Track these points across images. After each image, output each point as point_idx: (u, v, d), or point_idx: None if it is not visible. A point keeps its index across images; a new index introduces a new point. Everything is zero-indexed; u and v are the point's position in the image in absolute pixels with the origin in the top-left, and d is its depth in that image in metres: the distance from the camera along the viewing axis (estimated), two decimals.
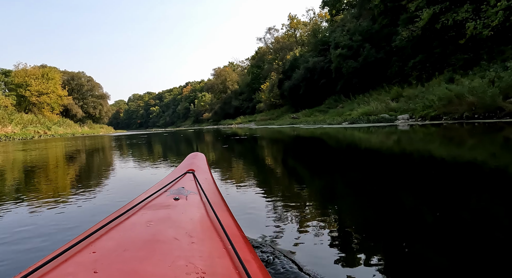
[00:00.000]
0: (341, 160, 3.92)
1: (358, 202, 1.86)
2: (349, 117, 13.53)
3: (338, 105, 20.88)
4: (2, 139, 17.92)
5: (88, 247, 0.60)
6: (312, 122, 17.15)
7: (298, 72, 28.62)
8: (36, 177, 3.42)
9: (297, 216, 1.57)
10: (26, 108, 36.77)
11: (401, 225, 1.39)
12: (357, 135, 7.78)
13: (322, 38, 28.40)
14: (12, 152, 8.22)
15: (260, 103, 45.05)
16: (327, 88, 24.79)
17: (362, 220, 1.52)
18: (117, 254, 0.57)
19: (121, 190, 2.49)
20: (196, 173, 1.31)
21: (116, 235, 0.67)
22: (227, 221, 0.85)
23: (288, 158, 4.55)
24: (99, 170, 4.03)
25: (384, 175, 2.65)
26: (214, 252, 0.63)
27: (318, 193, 2.18)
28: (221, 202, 1.06)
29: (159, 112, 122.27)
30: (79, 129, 39.74)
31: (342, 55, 20.88)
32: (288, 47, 38.55)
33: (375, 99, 14.95)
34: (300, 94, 28.36)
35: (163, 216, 0.79)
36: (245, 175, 3.05)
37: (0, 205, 2.05)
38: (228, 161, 4.40)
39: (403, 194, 2.00)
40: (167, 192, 1.02)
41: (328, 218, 1.51)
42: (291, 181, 2.73)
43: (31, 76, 37.13)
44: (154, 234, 0.66)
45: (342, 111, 17.54)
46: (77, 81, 54.84)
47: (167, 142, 10.12)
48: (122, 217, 0.77)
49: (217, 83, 65.11)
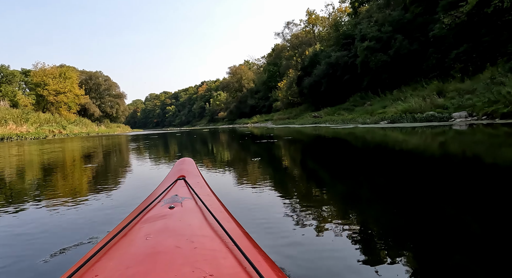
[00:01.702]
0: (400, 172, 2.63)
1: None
2: (387, 116, 11.85)
3: (365, 103, 19.13)
4: (14, 139, 17.45)
5: (90, 271, 0.58)
6: (340, 121, 15.49)
7: (319, 68, 26.94)
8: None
9: (309, 221, 1.43)
10: (44, 107, 36.98)
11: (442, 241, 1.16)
12: (412, 138, 6.24)
13: (345, 32, 26.58)
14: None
15: (277, 101, 43.62)
16: (351, 84, 23.03)
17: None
18: (120, 273, 0.56)
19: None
20: (187, 179, 1.30)
21: (116, 253, 0.66)
22: (226, 221, 0.84)
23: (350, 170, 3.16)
24: (86, 181, 3.14)
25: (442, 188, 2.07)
26: (218, 254, 0.62)
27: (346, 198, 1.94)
28: (217, 203, 1.04)
29: (175, 112, 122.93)
30: (96, 128, 39.66)
31: (370, 48, 19.10)
32: (307, 42, 36.78)
33: (414, 95, 13.18)
34: (321, 91, 26.68)
35: (161, 226, 0.78)
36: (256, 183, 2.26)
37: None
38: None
39: (462, 213, 1.52)
40: (161, 202, 1.00)
41: (340, 225, 1.35)
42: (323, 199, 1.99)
43: (49, 76, 37.30)
44: (154, 247, 0.65)
45: (372, 109, 15.84)
46: (95, 80, 55.28)
47: (171, 147, 8.86)
48: (120, 234, 0.76)
49: (233, 81, 64.07)
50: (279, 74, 49.62)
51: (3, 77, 37.85)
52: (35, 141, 15.37)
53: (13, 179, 3.36)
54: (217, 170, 3.37)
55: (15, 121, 22.32)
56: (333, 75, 25.07)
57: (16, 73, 40.00)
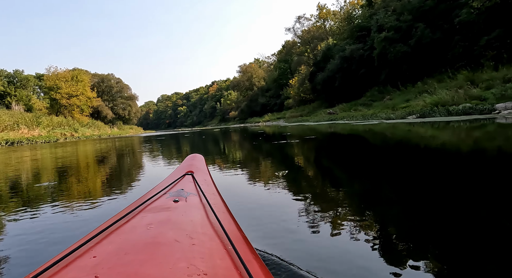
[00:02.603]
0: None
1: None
2: (414, 110, 10.77)
3: (384, 97, 18.00)
4: (24, 143, 17.31)
5: (88, 252, 0.59)
6: (360, 117, 14.43)
7: (333, 63, 25.86)
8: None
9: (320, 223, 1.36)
10: (58, 110, 37.35)
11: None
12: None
13: (359, 24, 25.37)
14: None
15: (289, 99, 42.67)
16: (368, 78, 21.89)
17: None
18: (118, 257, 0.56)
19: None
20: (195, 175, 1.30)
21: (117, 238, 0.66)
22: (227, 222, 0.84)
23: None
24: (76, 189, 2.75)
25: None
26: (215, 253, 0.62)
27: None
28: (221, 203, 1.05)
29: (186, 112, 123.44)
30: (108, 131, 39.78)
31: (388, 38, 17.95)
32: (319, 37, 35.57)
33: (441, 87, 12.07)
34: (335, 86, 25.60)
35: (163, 218, 0.78)
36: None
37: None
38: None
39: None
40: (167, 194, 1.01)
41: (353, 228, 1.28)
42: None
43: (61, 79, 37.63)
44: (154, 237, 0.66)
45: (393, 104, 14.76)
46: (107, 83, 55.69)
47: (170, 151, 8.11)
48: (122, 220, 0.77)
49: (243, 80, 63.35)
50: (290, 71, 48.63)
51: (17, 81, 38.50)
52: (45, 145, 15.10)
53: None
54: (224, 172, 3.13)
55: (27, 125, 22.33)
56: (347, 69, 23.95)
57: (31, 77, 40.65)
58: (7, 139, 16.78)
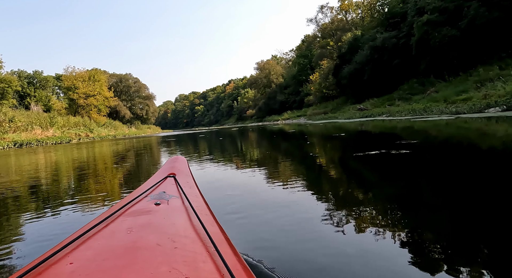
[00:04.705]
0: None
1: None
2: (490, 101, 8.53)
3: (426, 90, 15.65)
4: (34, 144, 16.42)
5: (65, 258, 0.57)
6: (407, 112, 12.02)
7: (361, 54, 23.56)
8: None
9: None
10: (76, 110, 37.10)
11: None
12: None
13: (391, 9, 22.90)
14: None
15: (309, 96, 40.57)
16: (403, 69, 19.52)
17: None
18: (96, 264, 0.55)
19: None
20: (177, 177, 1.28)
21: (95, 243, 0.64)
22: (210, 224, 0.82)
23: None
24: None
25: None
26: (198, 257, 0.61)
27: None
28: (204, 205, 1.02)
29: (203, 111, 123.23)
30: (126, 130, 39.23)
31: (431, 22, 15.56)
32: (343, 28, 33.08)
33: (505, 75, 9.77)
34: (363, 80, 23.29)
35: (144, 222, 0.76)
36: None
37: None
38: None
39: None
40: (148, 197, 0.99)
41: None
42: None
43: (78, 79, 37.34)
44: (135, 241, 0.64)
45: (443, 96, 12.50)
46: (125, 83, 55.58)
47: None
48: (101, 225, 0.74)
49: (261, 77, 61.52)
50: (310, 67, 46.46)
51: (37, 82, 38.62)
52: (51, 147, 14.04)
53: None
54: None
55: (42, 125, 21.65)
56: (378, 60, 21.62)
57: (50, 78, 40.75)
58: (16, 140, 15.92)
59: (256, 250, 1.08)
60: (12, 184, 3.30)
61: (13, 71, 36.85)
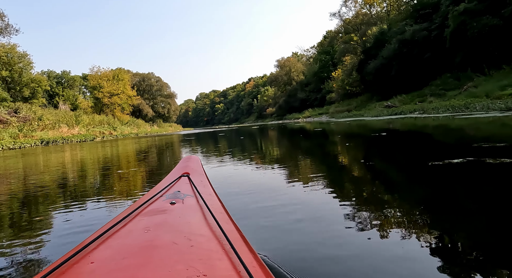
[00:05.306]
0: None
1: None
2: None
3: (463, 85, 14.41)
4: (59, 142, 16.83)
5: (85, 258, 0.59)
6: (446, 109, 10.87)
7: (388, 48, 22.35)
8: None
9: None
10: (101, 109, 38.22)
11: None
12: None
13: (422, 0, 21.48)
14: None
15: (331, 93, 39.32)
16: (435, 63, 18.23)
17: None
18: (115, 262, 0.56)
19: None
20: (191, 176, 1.28)
21: (114, 243, 0.66)
22: (225, 222, 0.83)
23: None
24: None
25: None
26: (213, 255, 0.62)
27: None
28: (218, 204, 1.02)
29: (223, 109, 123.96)
30: (148, 129, 39.92)
31: (469, 11, 14.29)
32: (368, 22, 31.64)
33: None
34: (390, 76, 22.10)
35: (160, 221, 0.77)
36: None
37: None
38: None
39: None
40: (163, 196, 1.00)
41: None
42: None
43: (103, 78, 38.40)
44: (152, 240, 0.65)
45: (484, 91, 11.37)
46: (147, 81, 56.71)
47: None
48: (119, 225, 0.76)
49: (281, 74, 60.68)
50: (332, 63, 45.13)
51: (65, 82, 40.17)
52: (76, 144, 14.28)
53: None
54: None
55: (68, 123, 22.29)
56: (407, 54, 20.37)
57: (77, 77, 42.32)
58: (43, 138, 16.38)
59: (272, 251, 1.05)
60: (42, 182, 3.27)
61: (43, 71, 38.59)
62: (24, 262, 1.18)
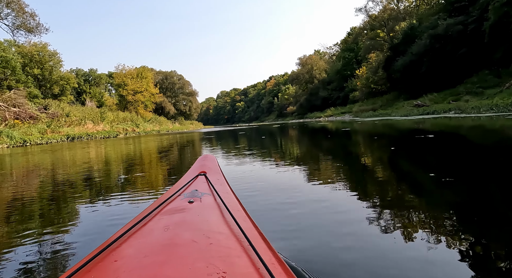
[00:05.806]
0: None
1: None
2: None
3: (504, 82, 13.22)
4: (84, 138, 17.28)
5: (109, 256, 0.61)
6: (489, 108, 9.67)
7: (418, 44, 21.10)
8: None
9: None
10: (125, 106, 39.24)
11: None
12: None
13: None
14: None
15: (355, 91, 38.03)
16: (471, 59, 16.95)
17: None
18: (137, 260, 0.58)
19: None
20: (208, 175, 1.29)
21: (135, 242, 0.68)
22: (243, 220, 0.83)
23: None
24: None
25: None
26: (232, 252, 0.62)
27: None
28: (235, 202, 1.04)
29: (244, 107, 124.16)
30: (170, 126, 40.55)
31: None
32: (396, 17, 30.16)
33: None
34: (420, 73, 20.89)
35: (179, 219, 0.80)
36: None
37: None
38: None
39: None
40: (181, 195, 1.02)
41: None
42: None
43: (128, 76, 39.35)
44: (171, 238, 0.67)
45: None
46: (170, 79, 57.66)
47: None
48: (140, 224, 0.78)
49: (303, 72, 59.63)
50: (356, 61, 43.68)
51: (92, 79, 41.61)
52: (99, 141, 14.55)
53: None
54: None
55: (93, 120, 22.93)
56: (440, 50, 19.11)
57: (103, 75, 43.71)
58: (69, 134, 16.87)
59: (290, 251, 1.03)
60: (69, 177, 3.39)
61: (72, 69, 40.16)
62: (52, 257, 1.20)
